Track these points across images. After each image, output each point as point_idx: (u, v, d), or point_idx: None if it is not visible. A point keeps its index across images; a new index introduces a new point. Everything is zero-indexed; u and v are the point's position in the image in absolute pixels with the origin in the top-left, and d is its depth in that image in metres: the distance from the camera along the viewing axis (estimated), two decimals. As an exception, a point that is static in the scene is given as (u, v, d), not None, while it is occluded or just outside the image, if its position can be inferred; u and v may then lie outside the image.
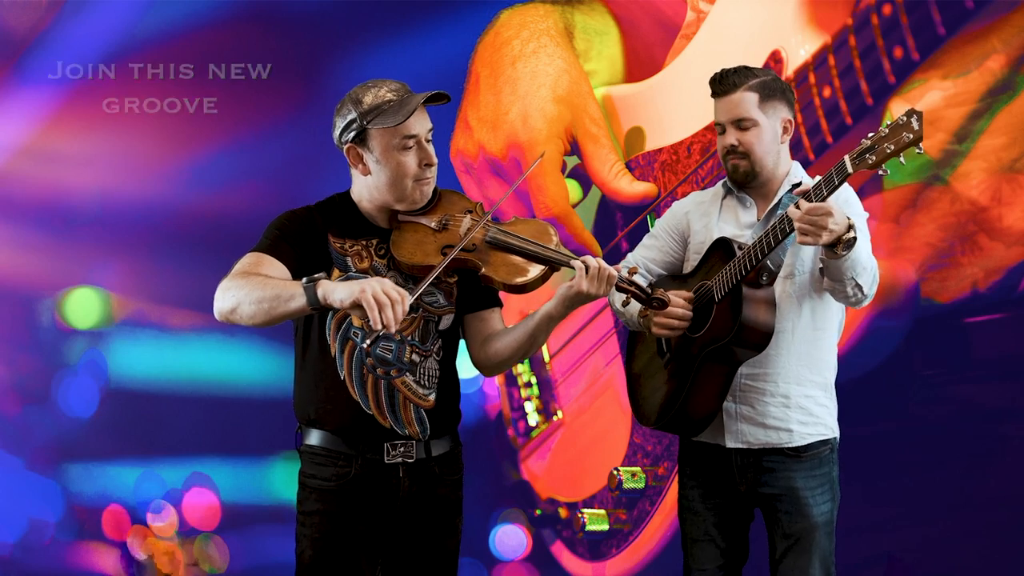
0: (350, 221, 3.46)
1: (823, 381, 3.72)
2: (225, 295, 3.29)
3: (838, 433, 3.75)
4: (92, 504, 6.16)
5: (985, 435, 4.99)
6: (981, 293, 4.91)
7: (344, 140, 3.41)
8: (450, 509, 3.51)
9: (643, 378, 3.82)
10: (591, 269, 3.32)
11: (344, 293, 3.18)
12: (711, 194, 3.82)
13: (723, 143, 3.70)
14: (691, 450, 3.78)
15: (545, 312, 3.41)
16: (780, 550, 3.69)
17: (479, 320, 3.54)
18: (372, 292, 3.16)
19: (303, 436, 3.47)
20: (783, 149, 3.72)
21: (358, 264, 3.43)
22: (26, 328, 6.20)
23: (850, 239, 3.43)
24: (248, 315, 3.27)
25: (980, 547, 4.98)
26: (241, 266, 3.35)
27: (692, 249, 3.79)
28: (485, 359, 3.55)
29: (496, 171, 5.66)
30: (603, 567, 5.61)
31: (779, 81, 3.72)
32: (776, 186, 3.71)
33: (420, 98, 3.36)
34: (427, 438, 3.45)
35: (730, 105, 3.68)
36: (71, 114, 6.10)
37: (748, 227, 3.70)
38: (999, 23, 4.82)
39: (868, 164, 3.41)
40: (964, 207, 4.91)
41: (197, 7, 6.03)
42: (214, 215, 6.00)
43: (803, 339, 3.67)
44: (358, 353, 3.40)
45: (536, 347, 3.49)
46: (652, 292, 3.42)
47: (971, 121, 4.88)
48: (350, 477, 3.39)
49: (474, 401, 6.02)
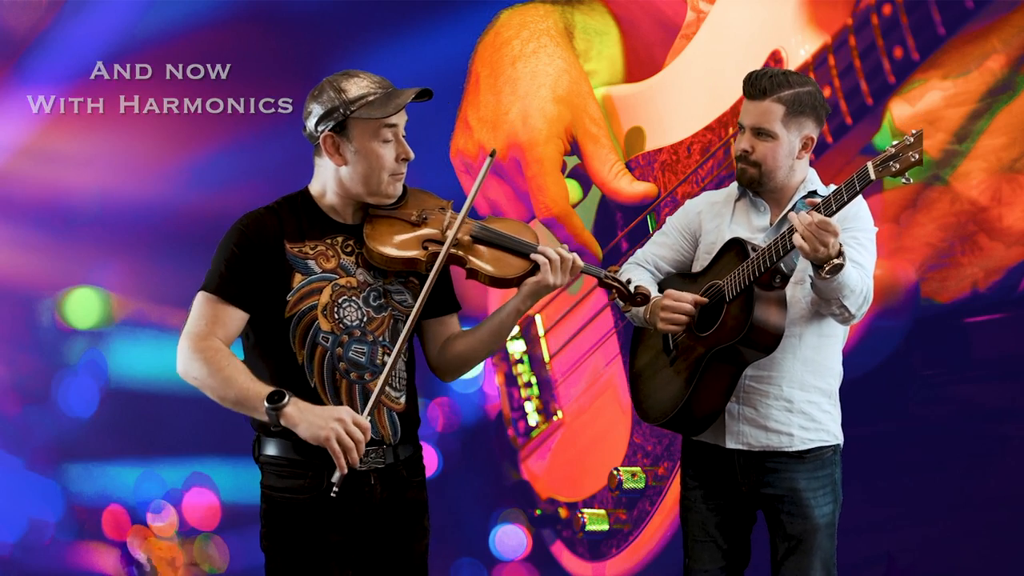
0: (311, 221, 3.40)
1: (827, 388, 3.70)
2: (188, 367, 3.31)
3: (842, 440, 3.73)
4: (92, 504, 6.15)
5: (985, 435, 4.99)
6: (981, 293, 4.91)
7: (321, 128, 3.36)
8: (419, 511, 3.47)
9: (646, 375, 3.81)
10: (553, 262, 3.35)
11: (308, 433, 3.20)
12: (724, 195, 3.80)
13: (738, 144, 3.67)
14: (693, 450, 3.77)
15: (513, 306, 3.41)
16: (781, 551, 3.68)
17: (439, 324, 3.52)
18: (337, 437, 3.18)
19: (262, 445, 3.41)
20: (798, 162, 3.68)
21: (324, 264, 3.37)
22: (26, 328, 6.19)
23: (836, 264, 3.41)
24: (212, 398, 3.33)
25: (980, 547, 4.98)
26: (198, 325, 3.32)
27: (703, 249, 3.77)
28: (444, 363, 3.52)
29: (496, 171, 5.66)
30: (603, 567, 5.60)
31: (814, 95, 3.64)
32: (790, 192, 3.68)
33: (410, 93, 3.34)
34: (396, 442, 3.40)
35: (755, 111, 3.63)
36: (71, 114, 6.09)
37: (761, 231, 3.68)
38: (999, 23, 4.82)
39: (891, 172, 3.38)
40: (964, 207, 4.91)
41: (197, 7, 6.03)
42: (214, 215, 5.97)
43: (809, 345, 3.66)
44: (329, 359, 3.34)
45: (500, 343, 3.50)
46: (634, 289, 3.48)
47: (971, 121, 4.88)
48: (323, 487, 3.31)
49: (474, 401, 6.01)
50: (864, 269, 3.58)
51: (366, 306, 3.39)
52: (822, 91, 3.71)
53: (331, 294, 3.36)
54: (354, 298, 3.37)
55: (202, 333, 3.30)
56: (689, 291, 3.65)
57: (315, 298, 3.35)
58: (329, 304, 3.35)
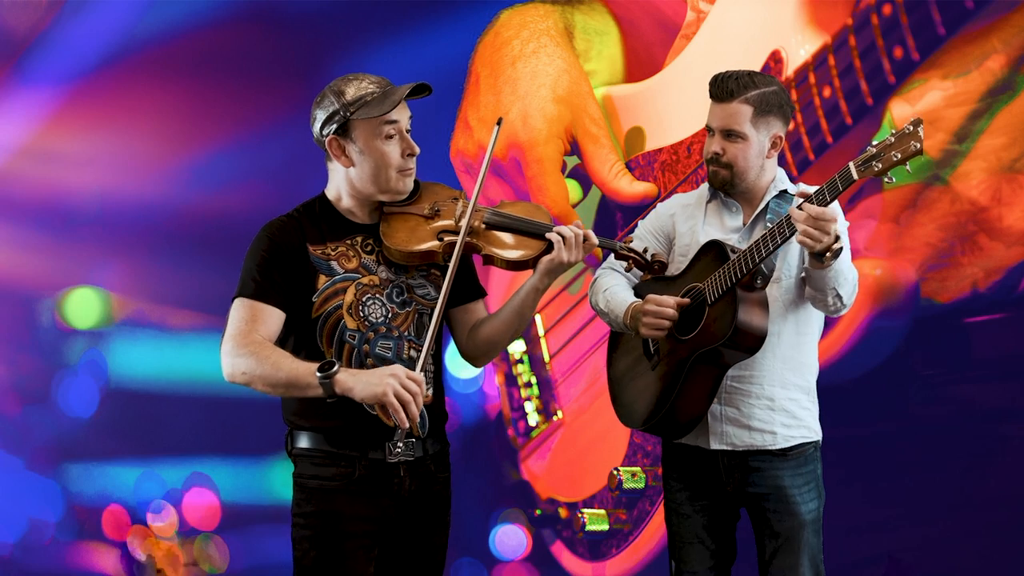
0: (330, 223, 3.46)
1: (806, 384, 3.73)
2: (235, 365, 3.34)
3: (821, 436, 3.75)
4: (92, 504, 6.17)
5: (985, 435, 4.99)
6: (981, 293, 4.91)
7: (326, 133, 3.42)
8: (444, 505, 3.53)
9: (626, 380, 3.82)
10: (567, 239, 3.40)
11: (366, 392, 3.24)
12: (696, 196, 3.82)
13: (708, 147, 3.70)
14: (675, 453, 3.78)
15: (531, 286, 3.46)
16: (769, 550, 3.69)
17: (465, 312, 3.57)
18: (394, 391, 3.22)
19: (295, 439, 3.46)
20: (768, 162, 3.70)
21: (345, 265, 3.43)
22: (26, 328, 6.20)
23: (838, 249, 3.45)
24: (262, 391, 3.35)
25: (980, 547, 4.97)
26: (238, 326, 3.36)
27: (677, 252, 3.77)
28: (474, 348, 3.58)
29: (496, 171, 5.67)
30: (603, 567, 5.60)
31: (780, 94, 3.67)
32: (760, 193, 3.71)
33: (404, 89, 3.38)
34: (425, 435, 3.45)
35: (722, 113, 3.67)
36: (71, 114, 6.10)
37: (734, 231, 3.71)
38: (999, 23, 4.82)
39: (874, 171, 3.40)
40: (964, 207, 4.91)
41: (197, 7, 6.04)
42: (214, 215, 6.00)
43: (788, 343, 3.68)
44: (356, 356, 3.40)
45: (524, 323, 3.53)
46: (651, 257, 3.54)
47: (971, 121, 4.88)
48: (354, 477, 3.39)
49: (474, 401, 6.02)
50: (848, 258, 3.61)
51: (390, 302, 3.44)
52: (787, 90, 3.72)
53: (355, 293, 3.42)
54: (378, 295, 3.43)
55: (243, 332, 3.36)
56: (667, 294, 3.65)
57: (340, 298, 3.41)
58: (354, 303, 3.41)
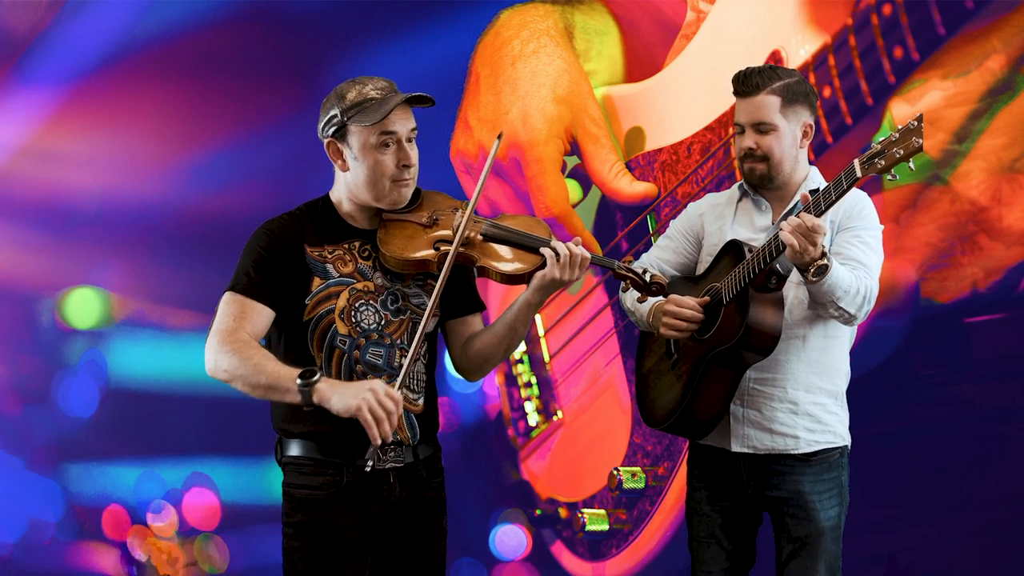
0: (330, 226, 3.43)
1: (834, 389, 3.68)
2: (217, 362, 3.31)
3: (849, 441, 3.72)
4: (92, 504, 6.17)
5: (985, 435, 4.99)
6: (981, 293, 4.91)
7: (325, 135, 3.40)
8: (438, 511, 3.50)
9: (651, 379, 3.81)
10: (562, 256, 3.34)
11: (341, 405, 3.20)
12: (726, 196, 3.79)
13: (741, 144, 3.65)
14: (699, 453, 3.76)
15: (524, 301, 3.42)
16: (786, 553, 3.67)
17: (462, 324, 3.53)
18: (369, 407, 3.18)
19: (284, 447, 3.43)
20: (801, 154, 3.68)
21: (341, 269, 3.40)
22: (26, 328, 6.20)
23: (821, 266, 3.41)
24: (242, 390, 3.32)
25: (980, 547, 4.97)
26: (226, 322, 3.33)
27: (706, 251, 3.76)
28: (467, 361, 3.53)
29: (496, 171, 5.66)
30: (603, 567, 5.60)
31: (803, 84, 3.66)
32: (793, 190, 3.67)
33: (399, 99, 3.35)
34: (416, 443, 3.43)
35: (751, 107, 3.62)
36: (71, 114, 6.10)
37: (763, 230, 3.67)
38: (999, 23, 4.82)
39: (878, 168, 3.38)
40: (964, 207, 4.91)
41: (197, 7, 6.04)
42: (214, 215, 6.00)
43: (815, 346, 3.64)
44: (346, 362, 3.37)
45: (517, 339, 3.49)
46: (650, 278, 3.44)
47: (971, 121, 4.87)
48: (342, 485, 3.36)
49: (474, 401, 6.02)
50: (866, 268, 3.56)
51: (384, 309, 3.41)
52: (820, 89, 3.71)
53: (348, 298, 3.39)
54: (371, 302, 3.41)
55: (230, 328, 3.33)
56: (691, 294, 3.64)
57: (332, 302, 3.38)
58: (346, 308, 3.38)
